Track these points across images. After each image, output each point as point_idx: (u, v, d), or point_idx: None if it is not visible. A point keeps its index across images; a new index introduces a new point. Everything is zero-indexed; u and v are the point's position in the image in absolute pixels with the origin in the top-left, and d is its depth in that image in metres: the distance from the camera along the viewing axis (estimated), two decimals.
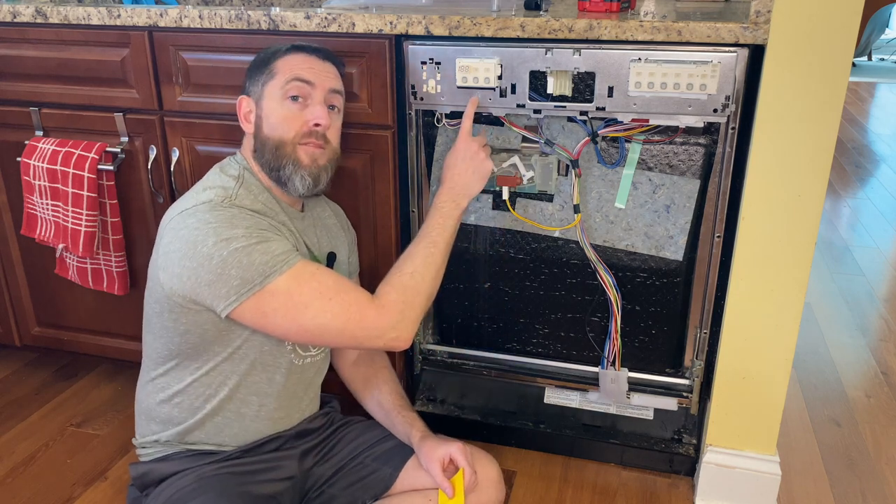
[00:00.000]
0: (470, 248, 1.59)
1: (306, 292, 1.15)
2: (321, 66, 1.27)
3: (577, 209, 1.46)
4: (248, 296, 1.13)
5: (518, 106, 1.40)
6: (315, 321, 1.15)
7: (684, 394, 1.57)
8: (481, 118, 1.47)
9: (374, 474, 1.35)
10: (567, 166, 1.45)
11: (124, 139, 1.63)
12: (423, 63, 1.42)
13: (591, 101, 1.37)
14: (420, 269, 1.24)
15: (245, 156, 1.31)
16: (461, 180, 1.34)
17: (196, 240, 1.14)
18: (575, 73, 1.36)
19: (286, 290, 1.14)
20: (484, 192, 1.52)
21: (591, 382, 1.61)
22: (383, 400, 1.44)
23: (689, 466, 1.61)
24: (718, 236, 1.43)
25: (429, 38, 1.41)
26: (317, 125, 1.25)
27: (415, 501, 1.31)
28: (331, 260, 1.36)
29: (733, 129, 1.34)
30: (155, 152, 1.61)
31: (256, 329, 1.20)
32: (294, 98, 1.25)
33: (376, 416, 1.45)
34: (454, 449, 1.30)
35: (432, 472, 1.29)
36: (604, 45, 1.33)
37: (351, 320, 1.16)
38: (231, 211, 1.17)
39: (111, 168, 1.62)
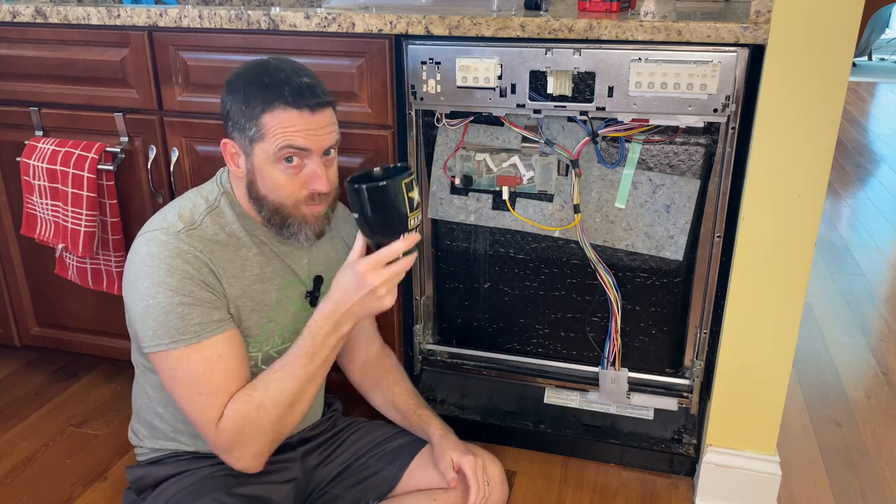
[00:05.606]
0: (470, 248, 1.59)
1: (187, 374, 1.14)
2: (314, 121, 1.14)
3: (577, 209, 1.46)
4: (155, 349, 1.15)
5: (518, 106, 1.40)
6: (182, 404, 1.17)
7: (684, 394, 1.57)
8: (482, 118, 1.47)
9: (378, 474, 1.34)
10: (567, 166, 1.45)
11: (124, 139, 1.63)
12: (423, 63, 1.42)
13: (591, 101, 1.37)
14: (268, 404, 1.15)
15: (232, 180, 1.24)
16: (350, 308, 1.15)
17: (138, 273, 1.15)
18: (575, 72, 1.36)
19: (175, 364, 1.14)
20: (484, 191, 1.52)
21: (591, 382, 1.61)
22: (398, 402, 1.40)
23: (689, 466, 1.61)
24: (718, 236, 1.43)
25: (429, 37, 1.41)
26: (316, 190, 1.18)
27: (419, 501, 1.31)
28: (317, 283, 1.31)
29: (733, 128, 1.34)
30: (154, 152, 1.61)
31: None
32: (288, 159, 1.15)
33: (392, 419, 1.42)
34: (466, 462, 1.27)
35: (442, 465, 1.27)
36: (604, 45, 1.33)
37: (201, 425, 1.17)
38: (180, 247, 1.14)
39: (111, 168, 1.62)
